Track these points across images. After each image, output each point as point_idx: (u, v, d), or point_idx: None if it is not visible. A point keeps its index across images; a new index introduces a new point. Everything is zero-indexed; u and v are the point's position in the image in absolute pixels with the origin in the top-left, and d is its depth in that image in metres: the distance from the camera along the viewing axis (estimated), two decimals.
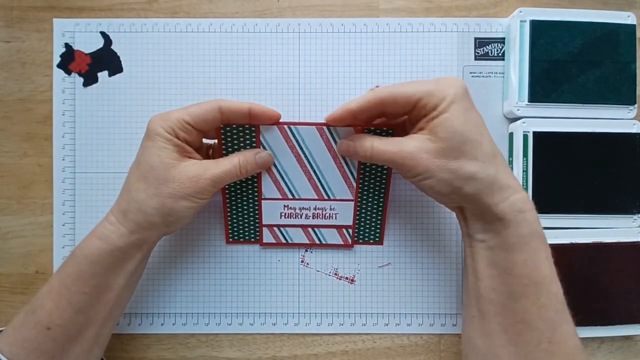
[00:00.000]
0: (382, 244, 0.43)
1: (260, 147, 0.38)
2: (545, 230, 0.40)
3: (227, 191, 0.40)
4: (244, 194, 0.41)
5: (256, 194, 0.40)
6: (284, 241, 0.42)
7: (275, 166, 0.39)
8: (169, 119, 0.34)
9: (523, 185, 0.41)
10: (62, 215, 0.43)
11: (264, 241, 0.42)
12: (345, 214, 0.41)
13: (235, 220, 0.42)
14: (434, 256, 0.43)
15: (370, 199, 0.41)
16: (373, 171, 0.40)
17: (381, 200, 0.41)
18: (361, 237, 0.42)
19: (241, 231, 0.42)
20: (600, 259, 0.40)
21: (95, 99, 0.43)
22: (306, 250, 0.43)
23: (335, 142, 0.38)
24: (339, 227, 0.41)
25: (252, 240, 0.42)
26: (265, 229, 0.42)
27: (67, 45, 0.43)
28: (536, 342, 0.31)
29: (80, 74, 0.43)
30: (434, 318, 0.43)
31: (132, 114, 0.43)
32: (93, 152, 0.43)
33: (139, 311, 0.43)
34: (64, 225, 0.43)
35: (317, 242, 0.42)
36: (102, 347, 0.37)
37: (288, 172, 0.40)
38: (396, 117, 0.36)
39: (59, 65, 0.43)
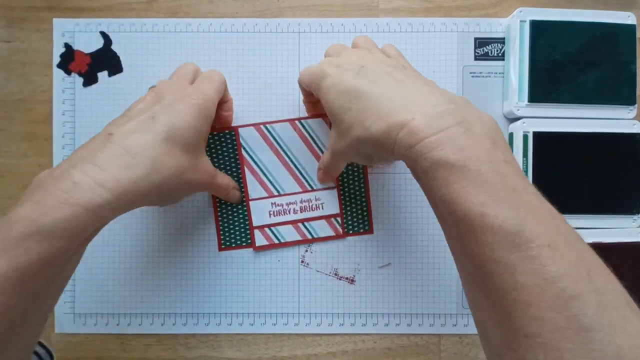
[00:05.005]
0: (372, 232, 0.43)
1: (240, 149, 0.41)
2: None
3: (217, 198, 0.42)
4: None
5: (243, 196, 0.42)
6: (276, 241, 0.42)
7: (258, 165, 0.41)
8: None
9: None
10: None
11: (257, 245, 0.42)
12: (330, 202, 0.42)
13: (226, 226, 0.42)
14: (434, 256, 0.43)
15: (352, 183, 0.42)
16: None
17: (362, 183, 0.42)
18: (351, 226, 0.42)
19: (232, 237, 0.42)
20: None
21: (95, 99, 0.43)
22: (306, 251, 0.43)
23: (309, 134, 0.41)
24: (327, 218, 0.42)
25: (244, 245, 0.42)
26: (256, 232, 0.42)
27: (67, 45, 0.43)
28: (501, 291, 0.24)
29: (80, 74, 0.43)
30: (434, 318, 0.43)
31: None
32: None
33: (139, 311, 0.43)
34: None
35: (309, 236, 0.42)
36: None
37: (270, 170, 0.41)
38: None
39: (59, 65, 0.43)
